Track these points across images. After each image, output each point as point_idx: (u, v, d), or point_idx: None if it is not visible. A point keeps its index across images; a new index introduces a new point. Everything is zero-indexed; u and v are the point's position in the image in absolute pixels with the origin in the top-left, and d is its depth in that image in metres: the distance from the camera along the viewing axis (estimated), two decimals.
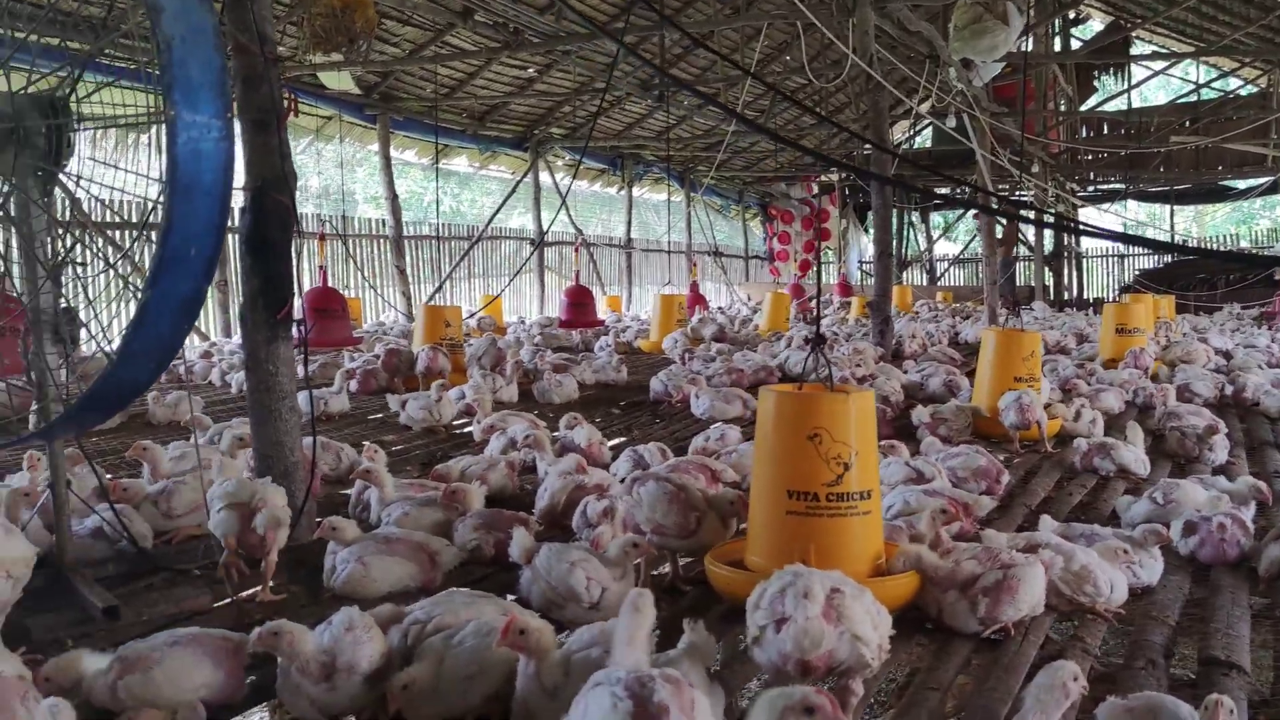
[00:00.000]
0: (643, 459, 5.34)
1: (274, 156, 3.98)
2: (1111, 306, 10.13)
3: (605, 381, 8.92)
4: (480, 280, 20.74)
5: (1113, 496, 5.35)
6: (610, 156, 23.15)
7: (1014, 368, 6.67)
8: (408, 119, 17.62)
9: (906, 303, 20.96)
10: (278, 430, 3.95)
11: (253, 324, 3.92)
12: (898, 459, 5.09)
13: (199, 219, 2.94)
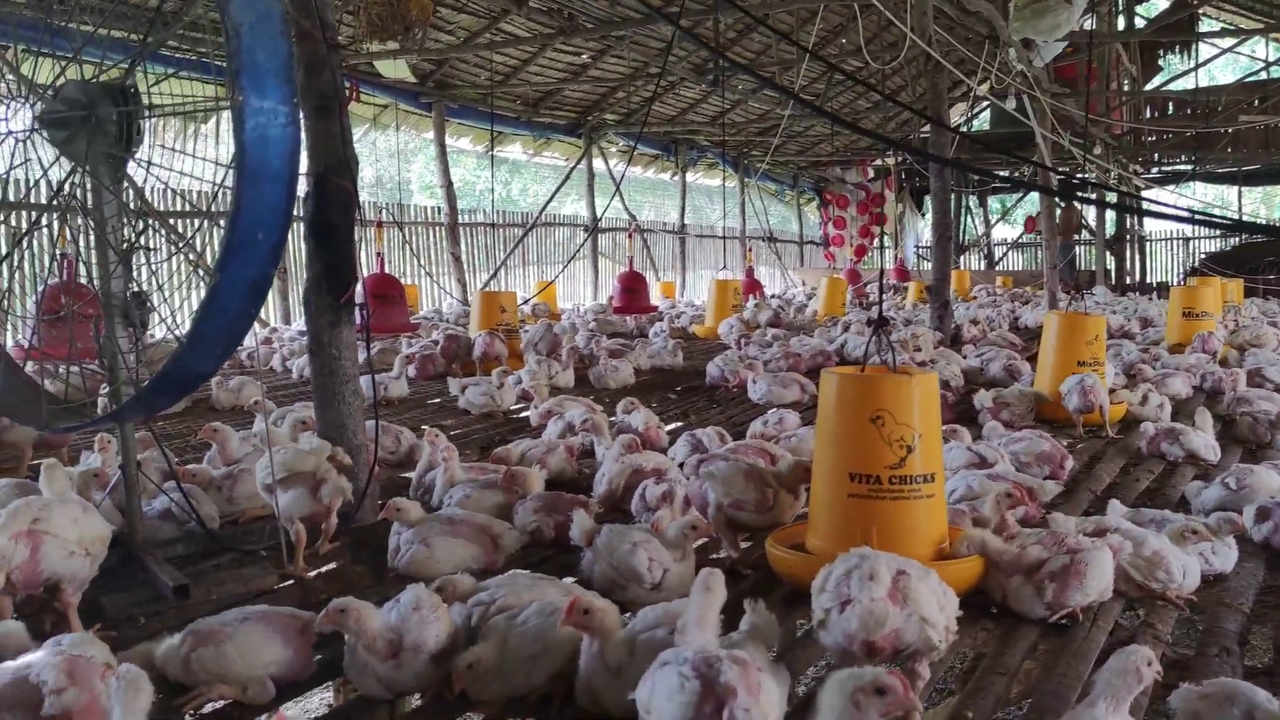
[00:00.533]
0: (701, 443, 5.33)
1: (336, 142, 4.01)
2: (1179, 290, 9.92)
3: (661, 366, 8.92)
4: (534, 267, 20.82)
5: (1181, 482, 5.24)
6: (664, 142, 23.09)
7: (1077, 351, 6.55)
8: (462, 106, 17.71)
9: (964, 288, 20.70)
10: (340, 413, 4.00)
11: (316, 308, 3.96)
12: (959, 443, 5.04)
13: (266, 204, 2.98)
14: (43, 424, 3.45)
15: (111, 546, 3.54)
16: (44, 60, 3.48)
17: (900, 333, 10.34)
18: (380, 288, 10.20)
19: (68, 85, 3.32)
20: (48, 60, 3.48)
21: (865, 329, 9.65)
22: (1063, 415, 6.39)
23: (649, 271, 22.86)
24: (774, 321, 11.86)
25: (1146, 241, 28.07)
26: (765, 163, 24.19)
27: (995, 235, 30.81)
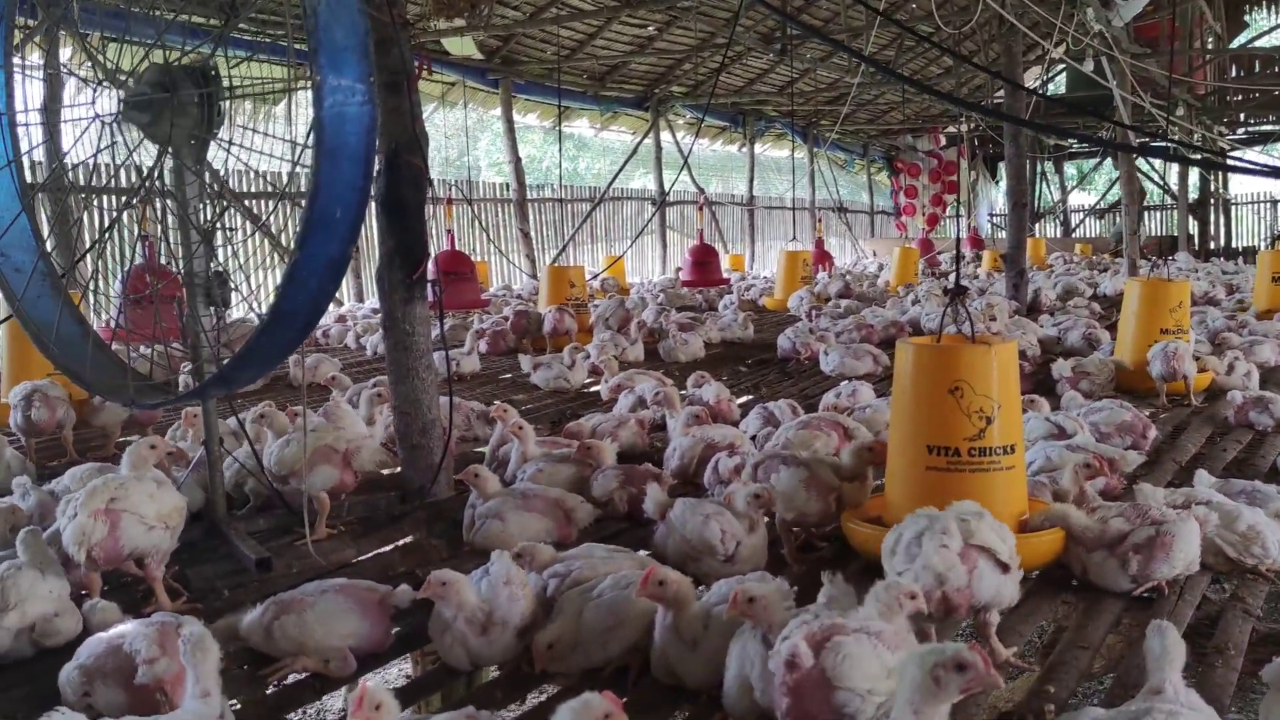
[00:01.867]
0: (773, 415, 5.29)
1: (406, 119, 4.03)
2: (1267, 254, 9.60)
3: (731, 339, 8.88)
4: (602, 243, 20.82)
5: (1271, 452, 5.09)
6: (731, 114, 22.92)
7: (1160, 319, 6.38)
8: (529, 83, 17.72)
9: (1040, 256, 20.27)
10: (415, 388, 4.04)
11: (390, 284, 4.00)
12: (1038, 414, 4.94)
13: (344, 182, 3.01)
14: (130, 400, 3.54)
15: (195, 520, 3.65)
16: (126, 48, 3.54)
17: (975, 302, 10.18)
18: (451, 264, 10.27)
19: (150, 69, 3.38)
20: (129, 48, 3.54)
21: (939, 299, 9.49)
22: (1145, 385, 6.24)
23: (717, 244, 22.78)
24: (844, 293, 11.73)
25: (1231, 205, 27.20)
26: (835, 132, 23.88)
27: (1072, 202, 30.10)
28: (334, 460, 3.68)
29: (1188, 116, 20.36)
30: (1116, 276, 12.58)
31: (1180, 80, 18.86)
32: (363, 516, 3.91)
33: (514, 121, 17.69)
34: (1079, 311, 9.99)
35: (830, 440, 4.84)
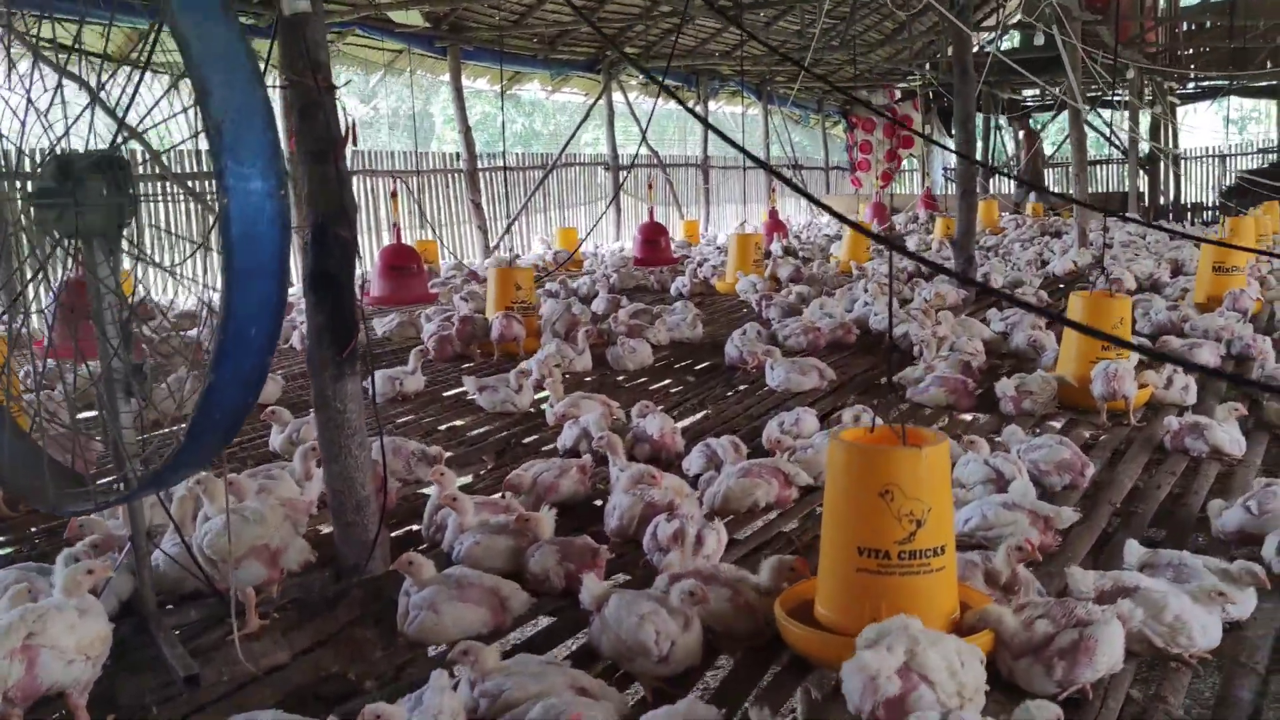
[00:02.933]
0: (715, 454, 5.30)
1: (333, 187, 3.93)
2: (1209, 248, 9.68)
3: (680, 339, 8.84)
4: (556, 211, 20.64)
5: (1204, 485, 5.18)
6: (684, 74, 22.67)
7: (1101, 338, 6.42)
8: (478, 48, 17.40)
9: (993, 219, 20.33)
10: (348, 466, 3.98)
11: (319, 361, 3.92)
12: (977, 456, 4.97)
13: (257, 300, 2.92)
14: (51, 506, 3.45)
15: (126, 615, 3.60)
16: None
17: (924, 291, 10.22)
18: (398, 259, 10.16)
19: (52, 160, 3.26)
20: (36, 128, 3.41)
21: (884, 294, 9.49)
22: (1087, 402, 6.30)
23: (671, 209, 22.66)
24: (795, 276, 11.70)
25: (1181, 159, 27.40)
26: (789, 89, 23.72)
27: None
28: (264, 557, 3.64)
29: (1138, 78, 20.41)
30: (1065, 256, 12.61)
31: (1129, 46, 18.89)
32: (296, 599, 3.87)
33: (463, 89, 17.39)
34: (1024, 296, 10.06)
35: (771, 488, 4.87)
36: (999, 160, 28.99)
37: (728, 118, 27.75)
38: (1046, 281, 11.66)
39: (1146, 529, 4.65)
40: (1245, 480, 5.21)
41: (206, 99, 2.78)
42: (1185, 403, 6.54)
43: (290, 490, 4.61)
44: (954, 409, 6.55)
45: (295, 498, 4.56)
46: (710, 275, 13.12)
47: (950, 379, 6.59)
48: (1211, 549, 4.35)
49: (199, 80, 2.76)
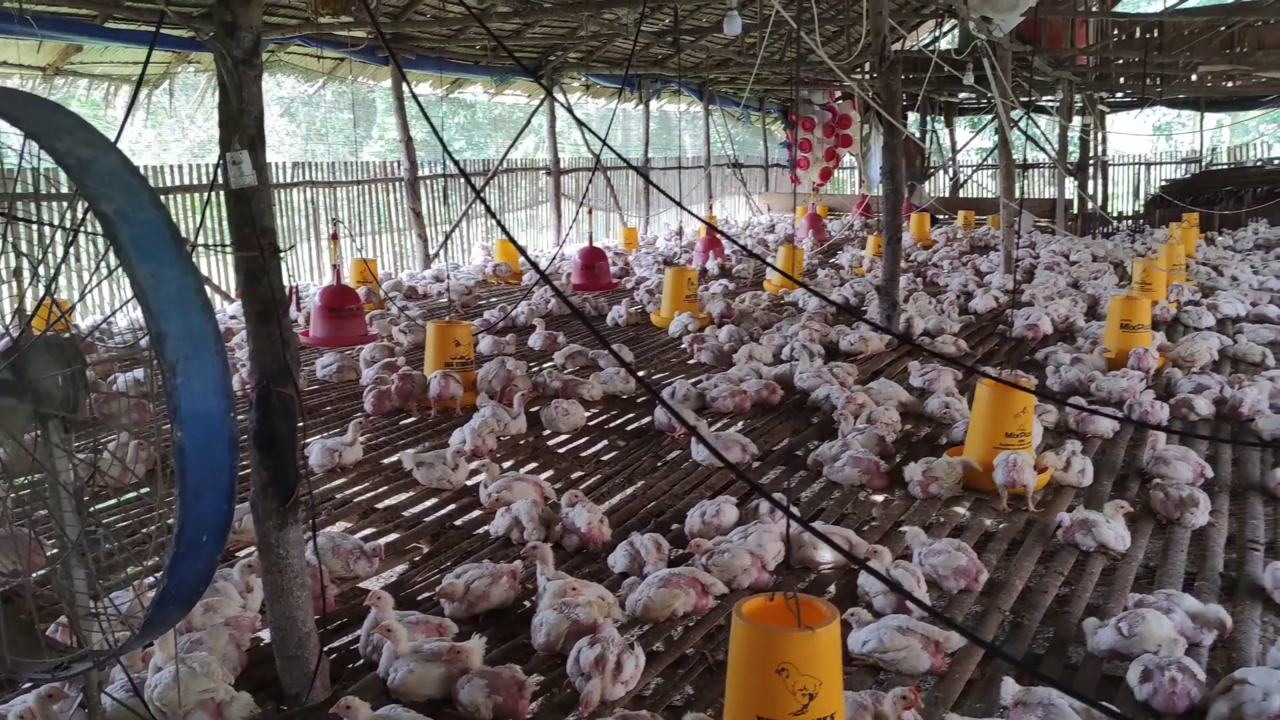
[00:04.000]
0: (639, 554, 5.64)
1: (277, 346, 4.17)
2: (1117, 300, 10.16)
3: (613, 393, 9.14)
4: (501, 217, 20.77)
5: (1090, 583, 5.62)
6: (626, 77, 22.85)
7: (1005, 424, 6.86)
8: (419, 57, 17.45)
9: (925, 233, 20.84)
10: (290, 606, 4.25)
11: (263, 512, 4.18)
12: (879, 566, 5.35)
13: (210, 512, 3.19)
14: (8, 670, 3.69)
15: None
16: None
17: (849, 337, 10.63)
18: (337, 300, 10.34)
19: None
20: None
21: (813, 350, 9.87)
22: (990, 485, 6.73)
23: (612, 213, 22.90)
24: (725, 313, 12.04)
25: (1109, 166, 28.16)
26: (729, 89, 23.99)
27: (962, 157, 30.80)
28: (210, 709, 3.91)
29: (1067, 92, 20.98)
30: (987, 293, 13.07)
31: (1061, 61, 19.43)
32: None
33: (405, 97, 17.44)
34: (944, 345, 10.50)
35: (689, 598, 5.22)
36: (934, 162, 29.58)
37: (670, 115, 28.01)
38: (967, 326, 12.09)
39: (1031, 641, 5.07)
40: (1126, 576, 5.69)
41: (163, 343, 3.03)
42: (1082, 484, 7.01)
43: (233, 607, 4.87)
44: (867, 488, 6.95)
45: (239, 615, 4.84)
46: (646, 302, 13.42)
47: (864, 460, 6.99)
48: (1087, 665, 4.80)
49: (156, 329, 3.01)
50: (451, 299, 12.78)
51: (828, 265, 17.50)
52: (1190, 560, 5.94)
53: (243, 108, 4.07)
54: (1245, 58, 21.45)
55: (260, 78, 4.14)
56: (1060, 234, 20.82)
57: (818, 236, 20.47)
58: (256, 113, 4.12)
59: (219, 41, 4.02)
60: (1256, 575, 5.62)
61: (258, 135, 4.13)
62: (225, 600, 4.88)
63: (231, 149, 4.04)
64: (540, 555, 5.30)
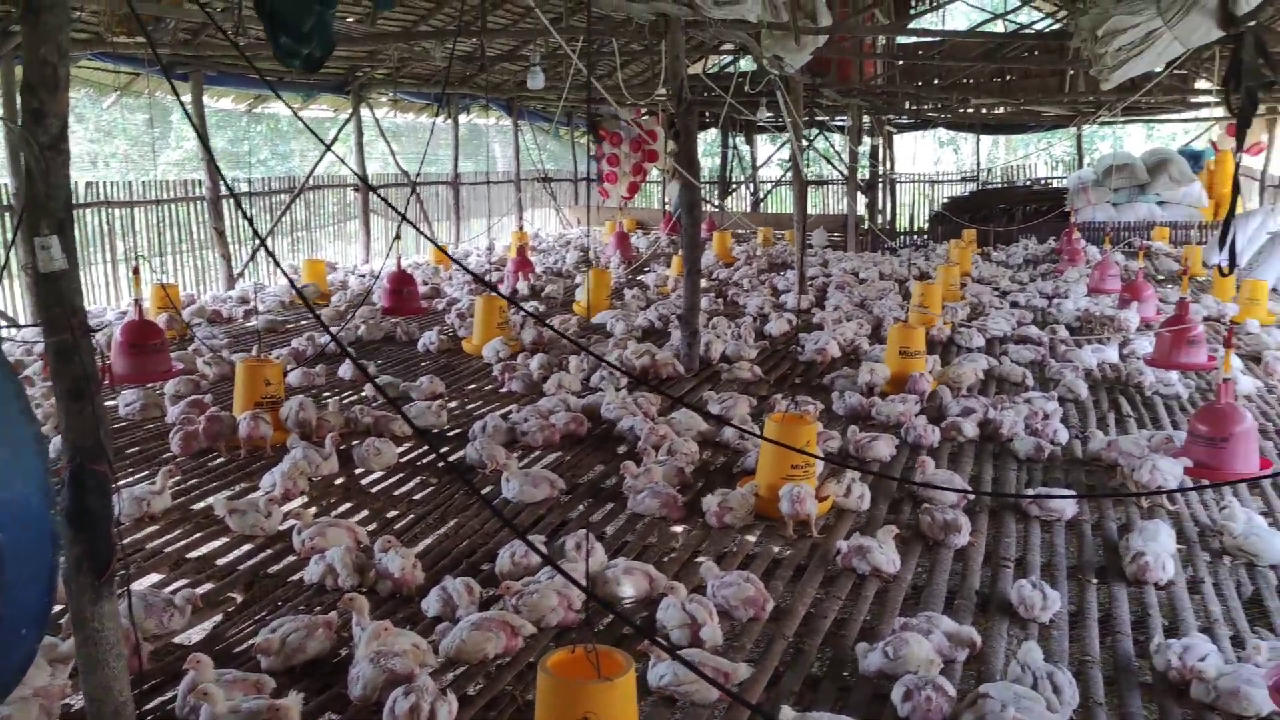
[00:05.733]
0: (451, 598, 5.91)
1: (89, 423, 4.26)
2: (896, 329, 11.03)
3: (425, 427, 9.33)
4: (305, 234, 20.49)
5: (865, 605, 6.23)
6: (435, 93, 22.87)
7: (790, 455, 7.44)
8: (220, 74, 17.08)
9: (726, 249, 21.69)
10: (106, 677, 4.34)
11: (78, 587, 4.26)
12: (675, 601, 5.79)
13: (30, 604, 3.33)
14: None
15: None
16: None
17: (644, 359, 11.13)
18: (139, 336, 10.16)
19: None
20: None
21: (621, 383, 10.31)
22: (778, 513, 7.30)
23: (423, 224, 22.87)
24: (537, 341, 12.38)
25: (897, 184, 29.90)
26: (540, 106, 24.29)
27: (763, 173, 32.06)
28: None
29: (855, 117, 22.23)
30: (780, 319, 13.84)
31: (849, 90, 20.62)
32: None
33: (206, 109, 17.04)
34: (740, 370, 11.15)
35: (499, 640, 5.54)
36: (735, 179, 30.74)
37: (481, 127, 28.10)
38: (763, 351, 12.79)
39: (812, 664, 5.61)
40: (897, 598, 6.33)
41: None
42: (861, 509, 7.67)
43: (43, 677, 4.91)
44: (666, 520, 7.42)
45: (48, 685, 4.88)
46: (458, 327, 13.61)
47: (663, 493, 7.46)
48: (859, 685, 5.37)
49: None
50: (259, 330, 12.64)
51: (634, 285, 18.06)
52: (952, 579, 6.65)
53: (50, 192, 4.15)
54: (1013, 87, 23.26)
55: (68, 162, 4.23)
56: (850, 252, 22.07)
57: (625, 255, 21.03)
58: (65, 197, 4.21)
59: (26, 129, 4.10)
60: (1006, 591, 6.33)
61: (66, 218, 4.22)
62: (34, 670, 4.90)
63: (40, 234, 4.12)
64: (356, 606, 5.52)
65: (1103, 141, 36.93)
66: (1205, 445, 8.10)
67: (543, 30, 12.67)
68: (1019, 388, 11.10)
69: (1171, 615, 6.19)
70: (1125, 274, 17.33)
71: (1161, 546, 6.71)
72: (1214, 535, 7.25)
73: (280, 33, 4.39)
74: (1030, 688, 5.01)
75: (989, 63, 22.46)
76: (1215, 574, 6.71)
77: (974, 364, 11.27)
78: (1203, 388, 11.17)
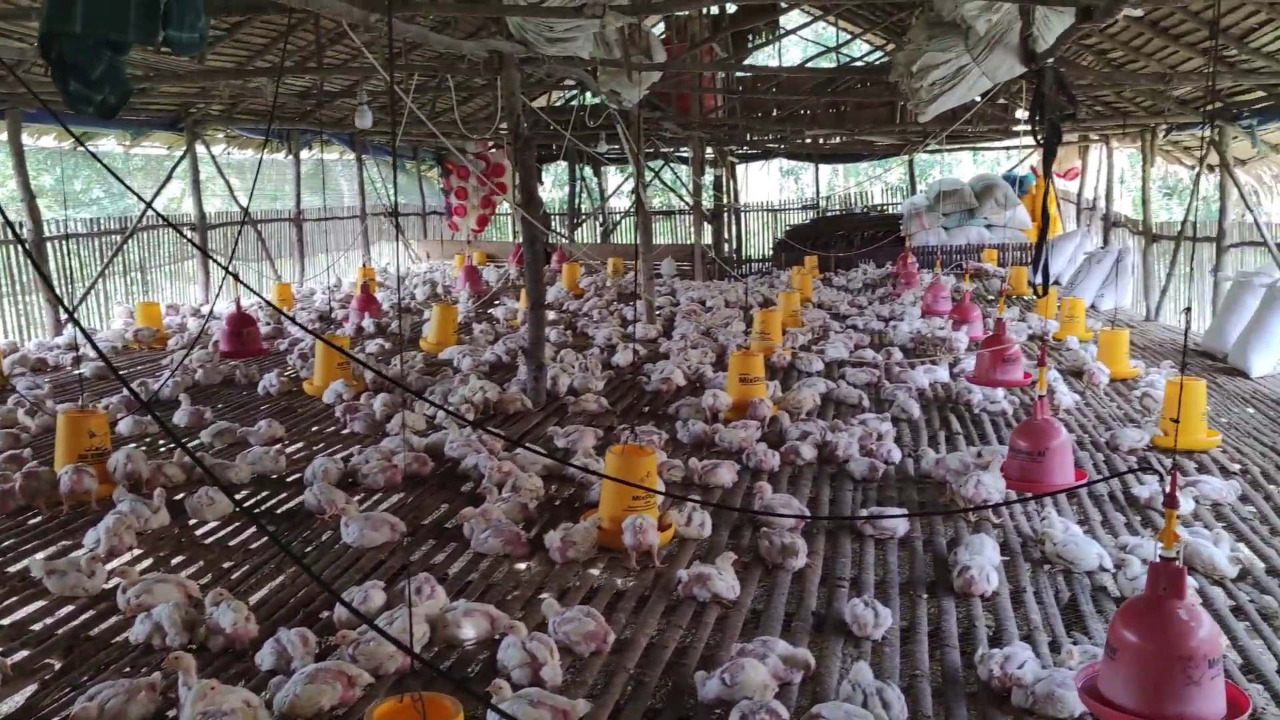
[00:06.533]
0: (285, 650, 5.77)
1: None
2: (736, 357, 11.28)
3: (263, 473, 9.10)
4: (139, 274, 19.75)
5: (706, 632, 6.32)
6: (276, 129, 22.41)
7: (624, 493, 7.51)
8: (39, 111, 16.35)
9: (574, 280, 21.82)
10: None
11: None
12: (515, 640, 5.79)
13: None
14: None
15: None
16: None
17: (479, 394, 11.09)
18: None
19: None
20: None
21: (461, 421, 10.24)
22: (620, 545, 7.36)
23: (264, 262, 22.32)
24: (379, 382, 12.22)
25: (742, 213, 30.59)
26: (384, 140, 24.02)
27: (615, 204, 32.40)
28: None
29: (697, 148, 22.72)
30: (626, 349, 13.98)
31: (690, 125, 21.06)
32: None
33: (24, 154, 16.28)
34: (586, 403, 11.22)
35: (335, 691, 5.42)
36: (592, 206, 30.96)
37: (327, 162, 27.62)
38: (610, 382, 12.90)
39: (652, 695, 5.67)
40: (736, 623, 6.45)
41: None
42: (703, 536, 7.80)
43: None
44: (510, 558, 7.41)
45: None
46: (299, 367, 13.32)
47: (505, 531, 7.44)
48: (697, 714, 5.45)
49: None
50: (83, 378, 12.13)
51: (484, 319, 18.00)
52: (789, 601, 6.81)
53: None
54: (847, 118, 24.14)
55: None
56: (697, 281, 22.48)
57: (474, 289, 20.94)
58: None
59: None
60: (840, 611, 6.53)
61: None
62: None
63: None
64: (181, 665, 5.33)
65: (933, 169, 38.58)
66: (1024, 459, 8.51)
67: (372, 69, 12.58)
68: (855, 409, 11.47)
69: (996, 625, 6.49)
70: (955, 295, 18.10)
71: (986, 559, 7.04)
72: (1035, 545, 7.63)
73: (69, 78, 4.26)
74: (861, 705, 5.19)
75: (822, 96, 23.30)
76: (1036, 582, 7.06)
77: (812, 388, 11.62)
78: (1027, 404, 11.75)
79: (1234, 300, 14.64)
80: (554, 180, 33.70)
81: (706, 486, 8.83)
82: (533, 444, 9.86)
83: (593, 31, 10.05)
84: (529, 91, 21.46)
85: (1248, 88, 14.63)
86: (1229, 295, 15.04)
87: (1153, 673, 4.50)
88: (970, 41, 9.28)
